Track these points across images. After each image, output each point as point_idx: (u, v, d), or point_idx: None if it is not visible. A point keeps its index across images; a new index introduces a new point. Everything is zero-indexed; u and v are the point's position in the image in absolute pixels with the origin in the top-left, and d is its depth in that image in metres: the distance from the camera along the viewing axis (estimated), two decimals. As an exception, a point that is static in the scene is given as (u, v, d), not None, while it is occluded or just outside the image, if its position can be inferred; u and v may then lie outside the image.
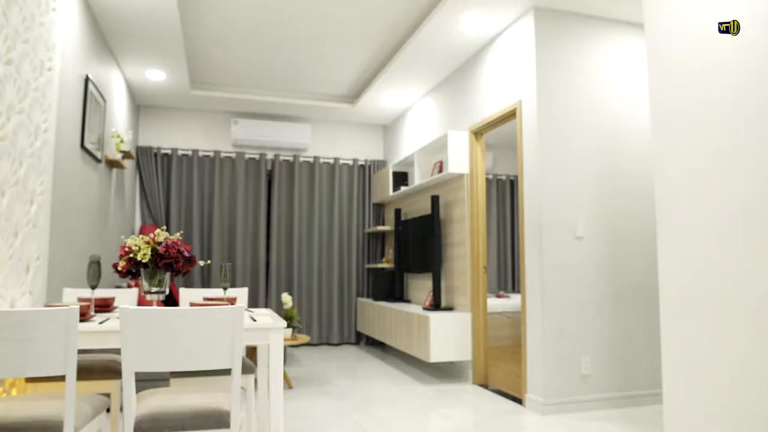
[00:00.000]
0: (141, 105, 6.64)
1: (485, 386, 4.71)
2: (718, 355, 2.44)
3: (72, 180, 3.81)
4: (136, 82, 5.74)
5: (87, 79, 4.06)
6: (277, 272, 6.89)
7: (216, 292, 3.42)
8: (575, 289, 3.95)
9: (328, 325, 7.02)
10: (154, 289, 2.65)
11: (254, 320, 2.43)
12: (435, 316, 4.74)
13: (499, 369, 5.40)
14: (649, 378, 4.08)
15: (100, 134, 4.54)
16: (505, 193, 8.80)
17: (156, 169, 6.56)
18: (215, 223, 6.70)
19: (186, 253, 2.69)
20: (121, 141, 4.97)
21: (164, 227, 3.24)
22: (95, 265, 2.58)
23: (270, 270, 6.87)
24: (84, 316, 2.34)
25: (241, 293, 3.39)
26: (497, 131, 7.63)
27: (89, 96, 4.12)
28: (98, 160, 4.52)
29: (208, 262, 2.50)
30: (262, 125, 6.82)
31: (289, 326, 4.66)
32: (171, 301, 5.67)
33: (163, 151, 6.65)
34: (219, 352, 1.94)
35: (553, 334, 3.86)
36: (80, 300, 2.81)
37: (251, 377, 2.85)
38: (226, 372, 2.81)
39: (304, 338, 4.72)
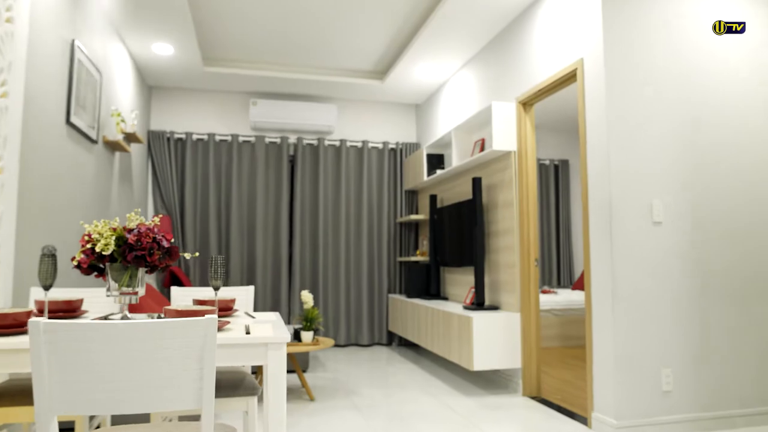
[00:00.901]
0: (153, 86, 6.12)
1: (538, 398, 4.02)
2: None
3: (55, 161, 3.27)
4: (142, 57, 5.20)
5: (74, 45, 3.51)
6: (300, 267, 6.30)
7: (224, 291, 2.82)
8: (653, 285, 3.23)
9: (357, 325, 6.41)
10: (122, 290, 2.05)
11: (248, 332, 1.81)
12: (479, 317, 4.07)
13: (551, 377, 4.70)
14: (745, 394, 3.34)
15: (95, 112, 4.00)
16: (548, 179, 8.03)
17: (169, 155, 6.04)
18: (233, 213, 6.15)
19: (165, 243, 2.09)
20: (122, 120, 4.43)
21: (153, 218, 2.65)
22: (48, 260, 2.01)
23: (293, 264, 6.30)
24: (19, 327, 1.76)
25: (245, 293, 2.79)
26: (542, 107, 6.87)
27: (77, 65, 3.58)
28: (93, 141, 3.98)
29: (196, 254, 1.86)
30: (283, 106, 6.23)
31: (309, 329, 4.05)
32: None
33: (176, 136, 6.12)
34: (179, 388, 1.32)
35: (626, 340, 3.15)
36: (37, 303, 2.25)
37: (253, 399, 2.25)
38: (232, 392, 2.21)
39: (327, 342, 4.11)
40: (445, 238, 5.30)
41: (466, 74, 5.37)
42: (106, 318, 2.13)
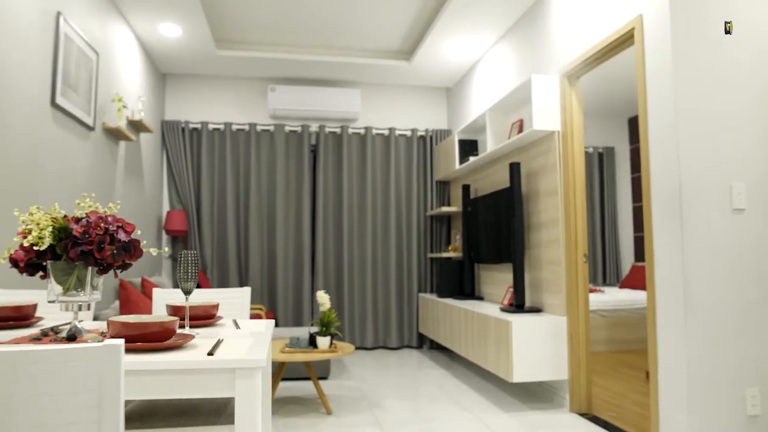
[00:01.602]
0: (167, 74, 5.78)
1: (588, 415, 3.49)
2: None
3: (36, 146, 2.90)
4: (150, 39, 4.84)
5: (59, 18, 3.14)
6: (324, 264, 5.87)
7: (215, 293, 2.39)
8: (734, 286, 2.66)
9: (385, 327, 5.94)
10: (68, 295, 1.63)
11: (212, 353, 1.36)
12: (518, 321, 3.55)
13: (602, 388, 4.14)
14: None
15: (91, 95, 3.63)
16: (592, 168, 7.40)
17: (184, 146, 5.69)
18: (252, 208, 5.76)
19: (122, 236, 1.67)
20: (124, 106, 4.07)
21: (109, 205, 2.26)
22: (-24, 257, 1.60)
23: (316, 262, 5.87)
24: None
25: (239, 296, 2.35)
26: (583, 89, 6.26)
27: (64, 40, 3.21)
28: (88, 127, 3.62)
29: (165, 250, 1.41)
30: (304, 92, 5.81)
31: (325, 334, 3.61)
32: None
33: (192, 126, 5.77)
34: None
35: (702, 353, 2.60)
36: (-25, 310, 1.86)
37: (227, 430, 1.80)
38: (214, 419, 1.78)
39: (346, 348, 3.66)
40: (480, 232, 4.78)
41: (501, 50, 4.83)
42: (52, 331, 1.72)
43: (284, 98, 5.76)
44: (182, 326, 1.87)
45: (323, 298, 3.64)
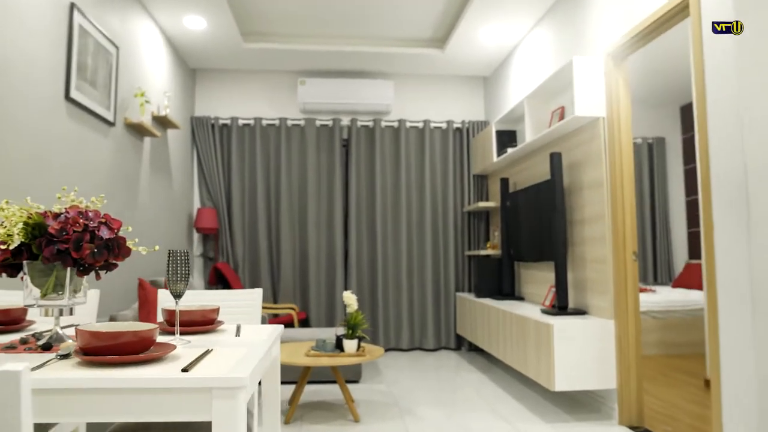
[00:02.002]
0: (196, 69, 5.70)
1: (640, 429, 3.17)
2: None
3: (49, 141, 2.80)
4: (175, 33, 4.73)
5: (73, 9, 3.04)
6: (357, 262, 5.68)
7: (224, 295, 2.21)
8: (810, 287, 2.31)
9: (422, 327, 5.71)
10: (48, 298, 1.47)
11: (187, 369, 1.17)
12: (560, 324, 3.26)
13: (654, 397, 3.80)
14: None
15: (110, 90, 3.54)
16: (640, 160, 6.96)
17: (214, 143, 5.60)
18: (283, 204, 5.62)
19: (105, 233, 1.50)
20: (147, 101, 3.97)
21: (92, 199, 2.11)
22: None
23: (349, 259, 5.68)
24: None
25: (249, 298, 2.17)
26: (633, 74, 5.85)
27: (78, 32, 3.10)
28: (108, 122, 3.52)
29: (156, 248, 1.23)
30: (335, 84, 5.62)
31: (352, 336, 3.40)
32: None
33: (221, 121, 5.67)
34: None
35: (772, 364, 2.27)
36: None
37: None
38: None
39: (375, 352, 3.45)
40: (520, 228, 4.49)
41: (540, 33, 4.52)
42: (33, 337, 1.57)
43: (314, 91, 5.60)
44: (190, 331, 1.69)
45: (350, 299, 3.44)
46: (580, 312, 3.57)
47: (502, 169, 5.33)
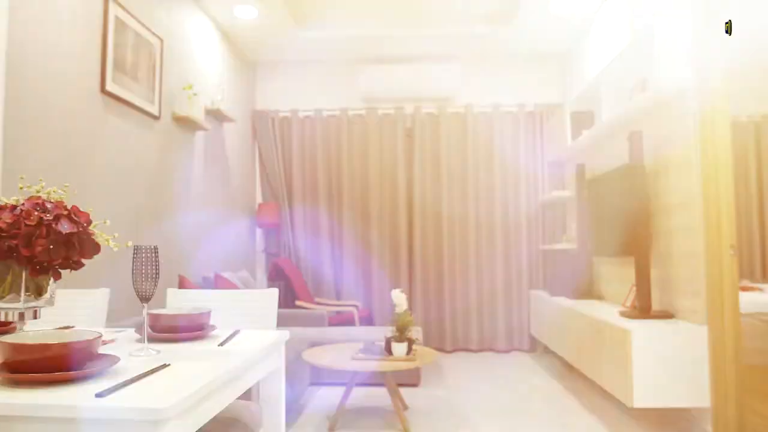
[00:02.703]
0: (257, 62, 5.61)
1: (741, 455, 2.66)
2: None
3: (85, 135, 2.73)
4: (227, 24, 4.63)
5: (108, 0, 2.96)
6: (422, 257, 5.38)
7: (234, 294, 2.00)
8: None
9: (492, 327, 5.32)
10: (6, 302, 1.31)
11: (100, 395, 0.93)
12: (641, 329, 2.81)
13: (759, 416, 3.22)
14: None
15: (154, 83, 3.46)
16: (745, 139, 6.12)
17: (274, 136, 5.49)
18: (344, 197, 5.42)
19: (65, 227, 1.31)
20: (194, 94, 3.88)
21: (53, 188, 1.97)
22: None
23: (413, 255, 5.39)
24: None
25: (260, 299, 1.94)
26: (737, 39, 5.09)
27: (114, 24, 3.02)
28: (152, 116, 3.45)
29: (128, 244, 1.03)
30: (396, 71, 5.34)
31: (401, 339, 3.12)
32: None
33: (281, 114, 5.55)
34: None
35: None
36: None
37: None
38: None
39: (427, 356, 3.14)
40: (598, 219, 4.01)
41: (620, -1, 3.99)
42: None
43: (375, 78, 5.35)
44: (173, 339, 1.49)
45: (399, 298, 3.16)
46: (665, 315, 3.08)
47: (579, 154, 4.82)
